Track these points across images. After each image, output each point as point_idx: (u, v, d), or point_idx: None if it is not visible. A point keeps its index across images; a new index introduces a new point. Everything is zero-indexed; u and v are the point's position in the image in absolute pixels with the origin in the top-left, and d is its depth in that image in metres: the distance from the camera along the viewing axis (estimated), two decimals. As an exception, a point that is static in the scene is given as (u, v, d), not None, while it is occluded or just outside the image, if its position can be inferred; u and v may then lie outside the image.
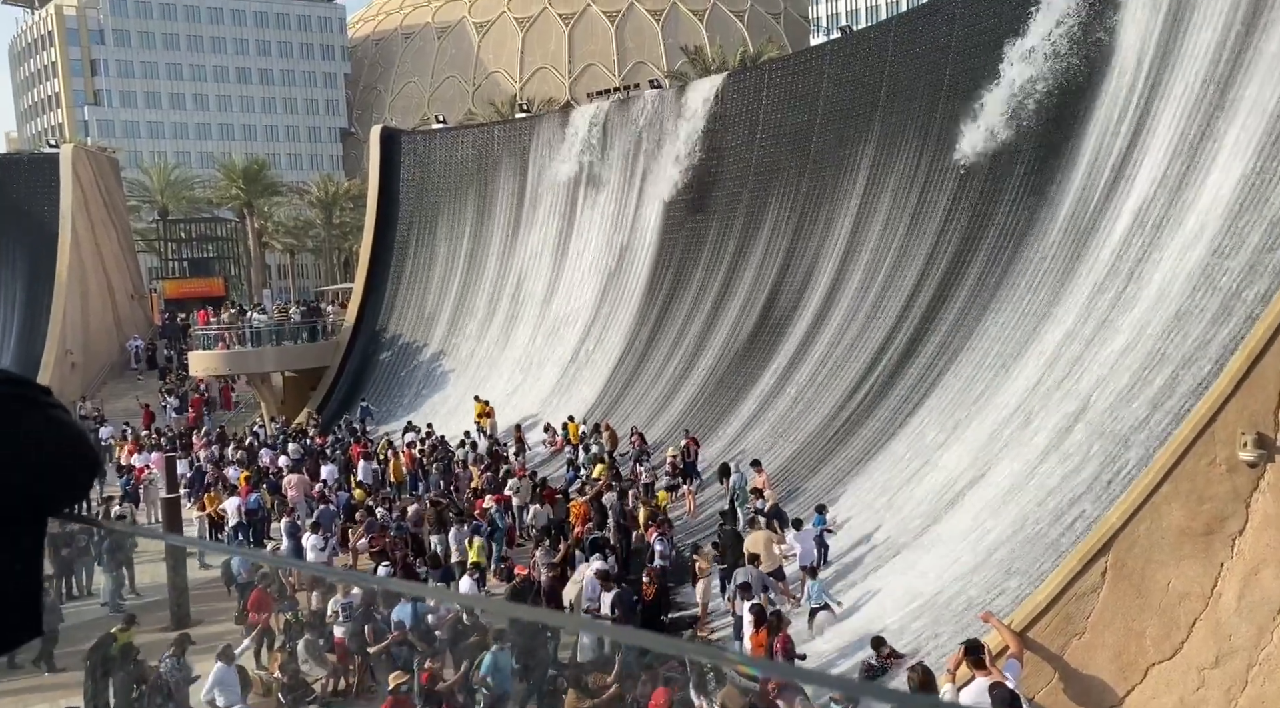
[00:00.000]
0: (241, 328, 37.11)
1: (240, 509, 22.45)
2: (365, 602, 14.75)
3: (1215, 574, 10.01)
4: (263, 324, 37.44)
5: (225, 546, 23.14)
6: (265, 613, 16.15)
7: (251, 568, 17.68)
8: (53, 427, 1.13)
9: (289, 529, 20.93)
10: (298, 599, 16.67)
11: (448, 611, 14.79)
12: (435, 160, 40.42)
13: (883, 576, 16.94)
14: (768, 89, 31.43)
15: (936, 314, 22.64)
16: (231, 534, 22.29)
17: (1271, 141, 14.63)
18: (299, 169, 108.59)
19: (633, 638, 2.22)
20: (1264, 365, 9.61)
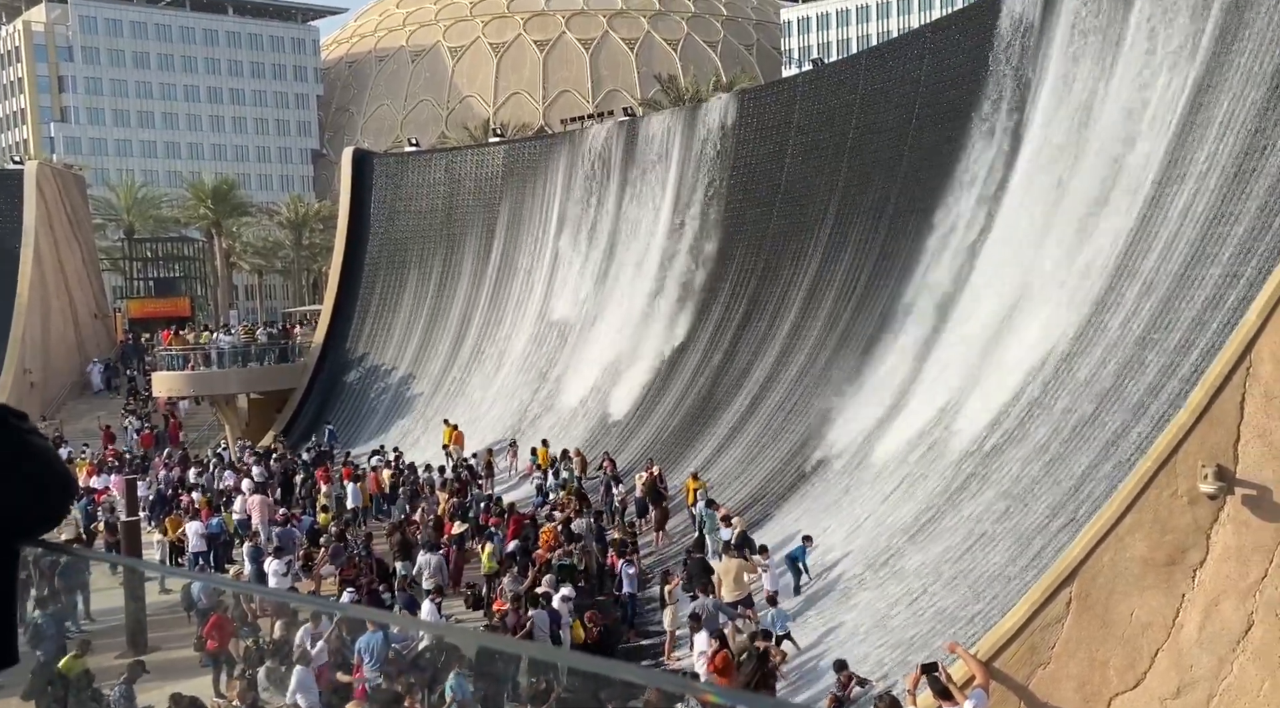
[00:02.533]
0: (207, 349, 36.66)
1: (200, 534, 22.07)
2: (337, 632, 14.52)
3: (1177, 605, 10.12)
4: (228, 345, 37.01)
5: (185, 571, 22.69)
6: (224, 639, 15.84)
7: (211, 593, 17.35)
8: (29, 453, 1.10)
9: (252, 554, 20.60)
10: (259, 625, 16.37)
11: (413, 638, 14.59)
12: (408, 183, 40.36)
13: (850, 604, 16.95)
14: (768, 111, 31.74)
15: (895, 343, 22.85)
16: (192, 560, 21.90)
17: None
18: (269, 190, 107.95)
19: (589, 664, 2.19)
20: (1223, 399, 9.78)
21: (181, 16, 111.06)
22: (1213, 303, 13.92)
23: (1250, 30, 15.69)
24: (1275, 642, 9.62)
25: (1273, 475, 9.61)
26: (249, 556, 20.64)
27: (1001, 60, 23.06)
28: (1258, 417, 9.67)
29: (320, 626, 14.26)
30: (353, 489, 26.15)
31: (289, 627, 15.14)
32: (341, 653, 14.36)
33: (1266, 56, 15.09)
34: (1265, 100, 14.80)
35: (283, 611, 15.83)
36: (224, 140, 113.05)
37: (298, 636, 14.10)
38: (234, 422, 37.54)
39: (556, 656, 15.49)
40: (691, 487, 23.11)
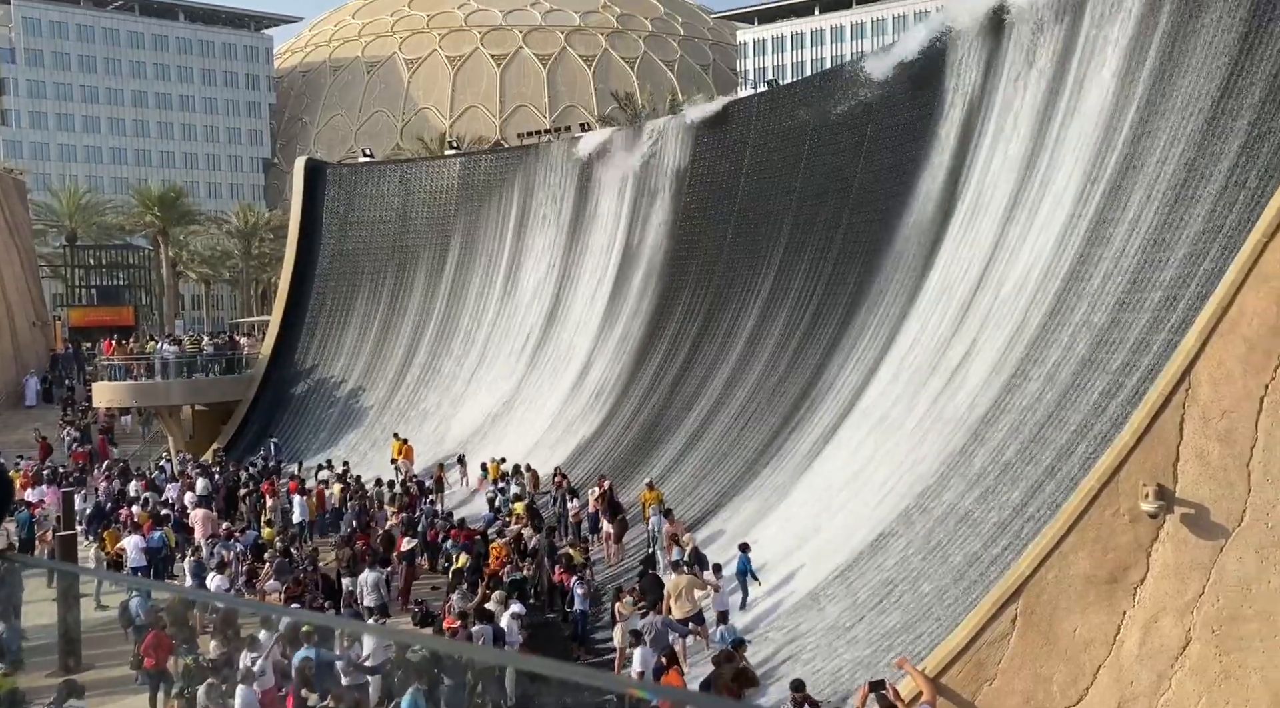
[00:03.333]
0: (150, 359, 35.86)
1: (140, 548, 21.52)
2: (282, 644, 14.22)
3: (1118, 622, 10.31)
4: (172, 355, 36.25)
5: (128, 577, 22.10)
6: (163, 657, 15.44)
7: (150, 609, 16.90)
8: None
9: (194, 569, 20.13)
10: (198, 643, 15.99)
11: (356, 655, 14.35)
12: (361, 194, 39.96)
13: (799, 621, 17.02)
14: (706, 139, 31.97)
15: (847, 363, 23.10)
16: (130, 575, 21.33)
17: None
18: (218, 198, 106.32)
19: (533, 666, 2.18)
20: (1163, 420, 10.02)
21: (130, 21, 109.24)
22: (1153, 326, 14.28)
23: (1189, 60, 16.19)
24: (1212, 658, 9.84)
25: (1210, 495, 9.86)
26: (190, 570, 20.17)
27: (949, 88, 23.56)
28: (1196, 437, 9.92)
29: (258, 647, 13.95)
30: (299, 503, 25.72)
31: (230, 644, 14.80)
32: (291, 671, 14.06)
33: (1205, 87, 15.57)
34: (1202, 132, 15.27)
35: (225, 627, 15.47)
36: (172, 147, 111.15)
37: (243, 656, 13.79)
38: (178, 434, 36.74)
39: (501, 659, 15.35)
40: (647, 498, 23.04)
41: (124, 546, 21.82)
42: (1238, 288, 9.65)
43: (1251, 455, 9.64)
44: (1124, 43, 18.07)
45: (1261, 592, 9.58)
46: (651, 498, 22.91)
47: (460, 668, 13.62)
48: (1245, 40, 14.98)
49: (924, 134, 23.95)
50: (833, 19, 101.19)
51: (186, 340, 41.19)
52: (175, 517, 24.83)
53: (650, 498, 22.95)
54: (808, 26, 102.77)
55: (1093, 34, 19.13)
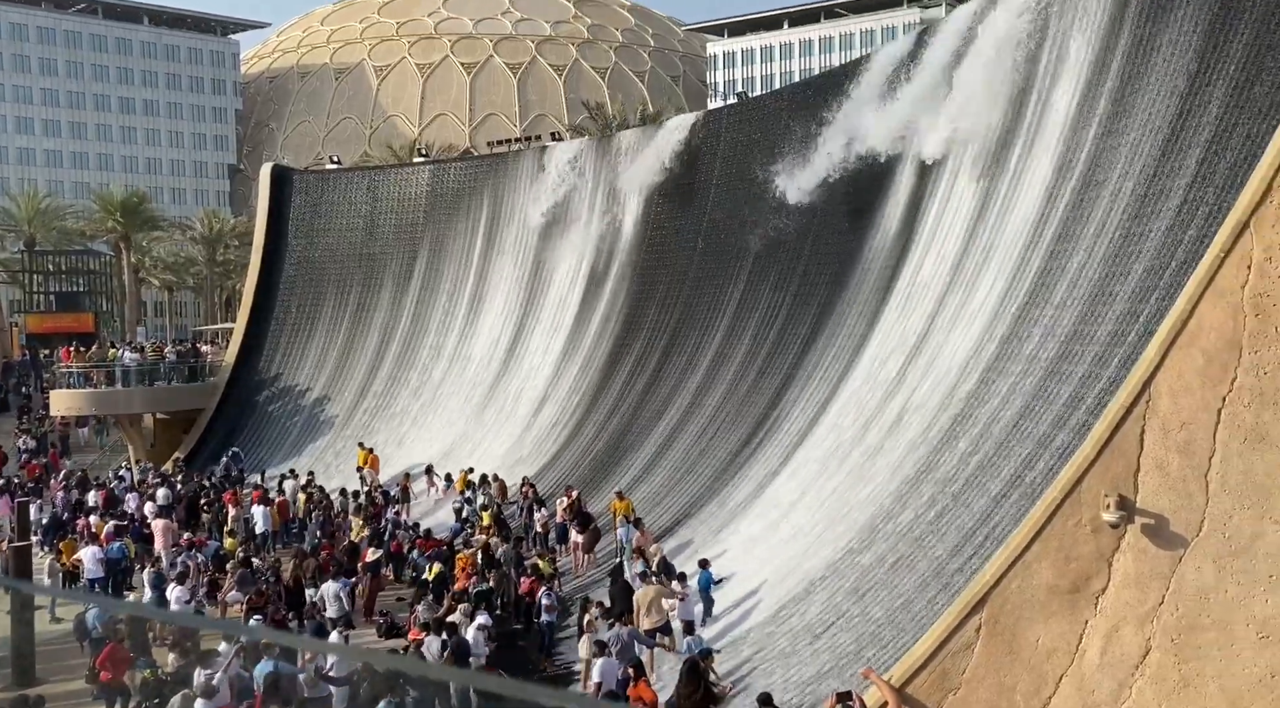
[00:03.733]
0: (110, 366, 35.27)
1: (98, 559, 21.11)
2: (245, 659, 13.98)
3: (1080, 631, 10.41)
4: (133, 363, 35.69)
5: (82, 593, 21.66)
6: (119, 670, 15.14)
7: (108, 621, 16.57)
8: None
9: (153, 580, 19.79)
10: (155, 657, 15.70)
11: (321, 666, 14.16)
12: (328, 201, 39.64)
13: (766, 632, 17.03)
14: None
15: (814, 374, 23.22)
16: (88, 586, 20.91)
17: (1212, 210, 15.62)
18: (183, 204, 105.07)
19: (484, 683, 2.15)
20: (1125, 432, 10.15)
21: (93, 24, 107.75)
22: (1115, 339, 14.49)
23: (1149, 78, 16.50)
24: (1171, 666, 9.96)
25: (1169, 505, 10.00)
26: (150, 582, 19.82)
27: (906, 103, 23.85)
28: (1156, 449, 10.06)
29: (216, 661, 13.72)
30: (262, 513, 25.38)
31: (189, 657, 14.54)
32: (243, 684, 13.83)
33: (1164, 104, 15.86)
34: (1162, 148, 15.55)
35: (184, 639, 15.21)
36: (135, 152, 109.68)
37: (200, 672, 13.54)
38: (138, 443, 36.16)
39: (453, 677, 15.21)
40: (617, 508, 22.98)
41: (81, 557, 21.41)
42: (1196, 302, 9.81)
43: (1210, 466, 9.79)
44: (1088, 60, 18.37)
45: (1219, 601, 9.72)
46: (621, 507, 22.85)
47: (427, 679, 13.49)
48: (1202, 60, 15.29)
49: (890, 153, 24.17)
50: (801, 33, 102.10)
51: (148, 348, 40.57)
52: (135, 527, 24.42)
53: (620, 507, 22.89)
54: (777, 40, 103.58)
55: (1052, 59, 19.44)
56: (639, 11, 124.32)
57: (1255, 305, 9.52)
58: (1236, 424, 9.62)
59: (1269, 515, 9.53)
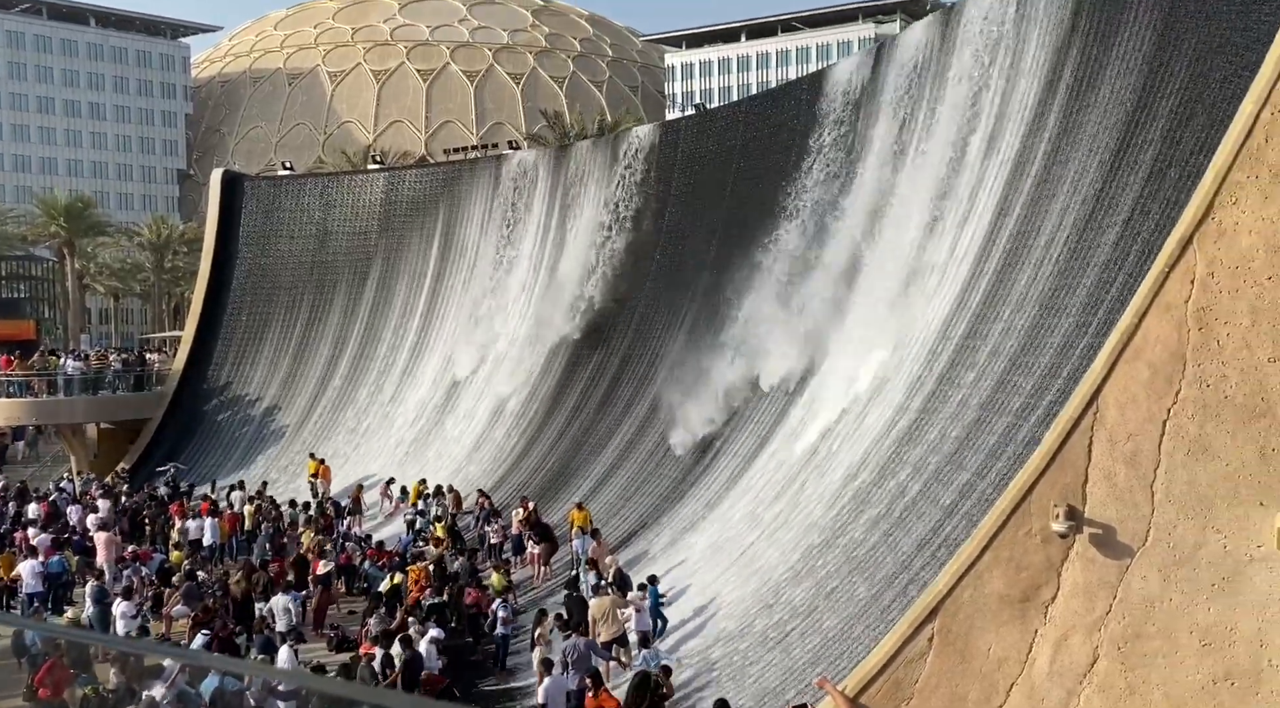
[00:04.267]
0: (53, 375, 34.39)
1: (37, 573, 20.52)
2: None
3: (1030, 640, 10.54)
4: (77, 371, 34.83)
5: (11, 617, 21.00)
6: (59, 688, 14.69)
7: (47, 637, 16.08)
8: None
9: (95, 594, 19.27)
10: (96, 673, 15.26)
11: (265, 683, 13.87)
12: (280, 208, 39.09)
13: (720, 643, 17.03)
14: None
15: (769, 388, 23.35)
16: (26, 601, 20.31)
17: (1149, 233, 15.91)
18: (130, 209, 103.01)
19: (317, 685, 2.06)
20: (1073, 443, 10.31)
21: (37, 24, 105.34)
22: (1064, 350, 14.74)
23: (1098, 94, 16.86)
24: (1118, 674, 10.12)
25: (1116, 515, 10.17)
26: (92, 596, 19.30)
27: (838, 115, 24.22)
28: (1104, 459, 10.23)
29: (160, 677, 13.39)
30: (210, 525, 24.86)
31: (128, 673, 14.17)
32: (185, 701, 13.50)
33: (1114, 120, 16.22)
34: (1109, 165, 15.89)
35: (126, 655, 14.81)
36: (81, 156, 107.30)
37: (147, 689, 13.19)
38: (81, 454, 35.27)
39: (385, 699, 14.98)
40: (575, 518, 22.85)
41: (20, 571, 20.80)
42: (1142, 316, 10.00)
43: (1155, 477, 9.97)
44: (1041, 79, 18.74)
45: (1164, 610, 9.89)
46: (579, 518, 22.74)
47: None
48: (1151, 77, 15.66)
49: (848, 158, 24.44)
50: (759, 45, 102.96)
51: (93, 356, 39.65)
52: (77, 540, 23.80)
53: (578, 518, 22.78)
54: (735, 52, 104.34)
55: (1005, 82, 19.80)
56: (597, 21, 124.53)
57: (1199, 319, 9.74)
58: (1181, 436, 9.82)
59: (1211, 525, 9.73)
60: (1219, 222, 9.65)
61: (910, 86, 22.70)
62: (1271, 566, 9.47)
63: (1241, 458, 9.58)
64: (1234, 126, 9.68)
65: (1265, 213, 9.48)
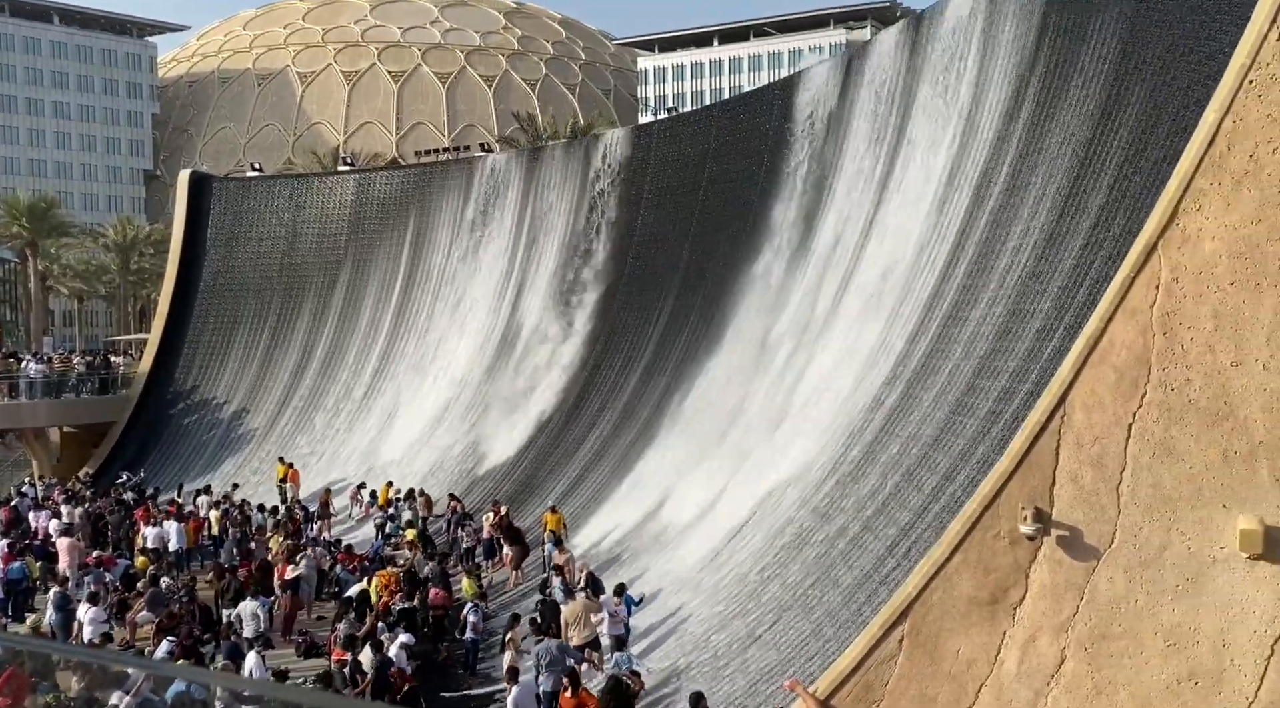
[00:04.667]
0: (14, 378, 33.81)
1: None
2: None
3: (999, 642, 10.63)
4: (39, 374, 34.27)
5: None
6: (18, 697, 14.41)
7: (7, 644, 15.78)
8: None
9: (58, 601, 18.94)
10: (58, 680, 14.99)
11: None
12: (249, 209, 38.70)
13: (691, 645, 17.03)
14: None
15: (744, 390, 23.42)
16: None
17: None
18: (95, 210, 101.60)
19: None
20: (1041, 446, 10.42)
21: (0, 21, 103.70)
22: (1032, 354, 14.90)
23: (1064, 104, 17.07)
24: (1085, 675, 10.23)
25: (1083, 517, 10.28)
26: (54, 603, 18.96)
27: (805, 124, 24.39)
28: (1070, 462, 10.35)
29: (124, 684, 13.15)
30: (176, 530, 24.50)
31: (90, 681, 13.90)
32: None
33: (1079, 130, 16.43)
34: (1077, 171, 16.09)
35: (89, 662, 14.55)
36: (44, 156, 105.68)
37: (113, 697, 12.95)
38: (43, 458, 34.69)
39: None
40: (549, 522, 22.75)
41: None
42: (1108, 320, 10.13)
43: (1121, 479, 10.10)
44: (1009, 87, 18.95)
45: (1129, 610, 10.02)
46: (553, 521, 22.67)
47: (345, 702, 13.12)
48: (1117, 84, 15.88)
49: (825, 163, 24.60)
50: (731, 50, 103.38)
51: (56, 359, 39.03)
52: (39, 546, 23.40)
53: (552, 521, 22.71)
54: (707, 57, 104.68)
55: (974, 89, 20.01)
56: (570, 24, 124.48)
57: (1163, 324, 9.88)
58: (1146, 439, 9.95)
59: (1176, 527, 9.87)
60: (1183, 228, 9.80)
61: (878, 97, 22.91)
62: (1234, 567, 9.62)
63: (1205, 461, 9.72)
64: (1197, 134, 9.84)
65: (1228, 219, 9.63)
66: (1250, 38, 9.54)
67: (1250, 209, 9.54)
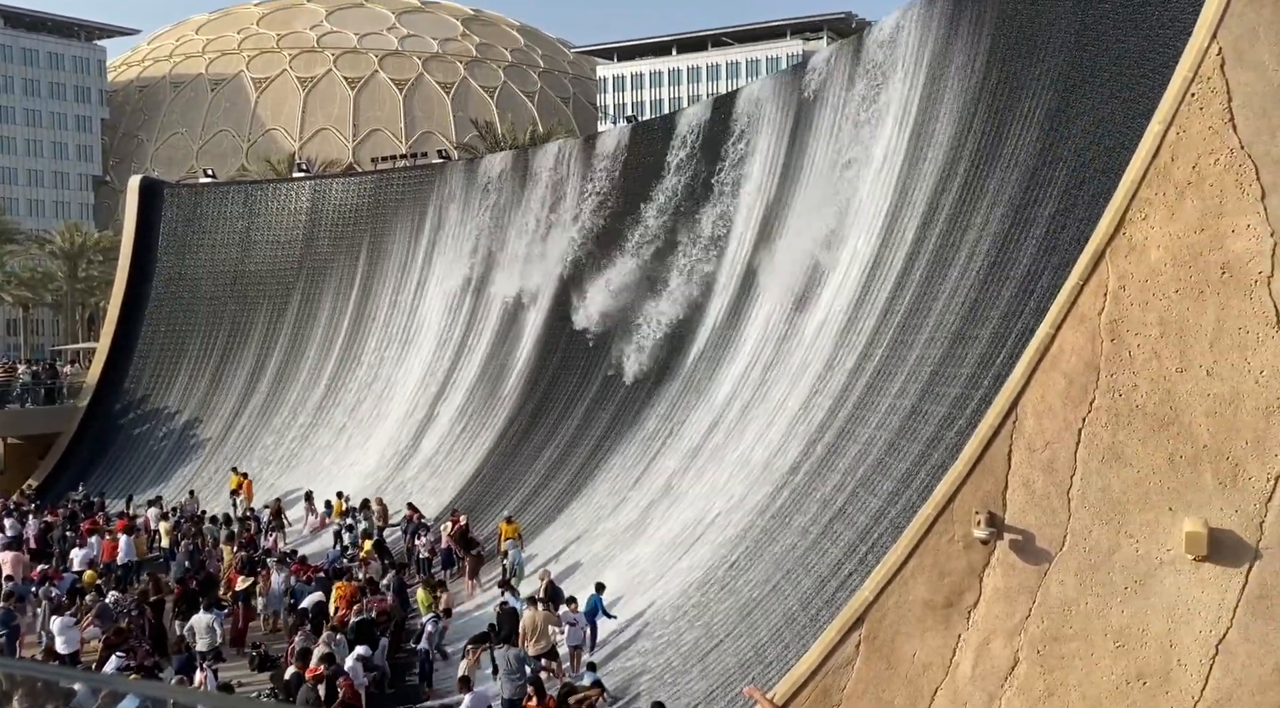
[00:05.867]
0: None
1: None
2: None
3: (954, 645, 10.75)
4: (-18, 384, 33.45)
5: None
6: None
7: (-52, 665, 15.32)
8: None
9: (2, 617, 18.42)
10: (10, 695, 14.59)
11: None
12: (202, 216, 38.10)
13: (651, 652, 17.03)
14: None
15: (701, 399, 23.52)
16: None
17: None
18: (41, 216, 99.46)
19: None
20: (994, 451, 10.57)
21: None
22: (985, 360, 15.13)
23: (1022, 99, 17.39)
24: (1037, 677, 10.38)
25: (1034, 521, 10.44)
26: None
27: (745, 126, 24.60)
28: (1022, 467, 10.51)
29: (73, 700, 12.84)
30: (125, 542, 23.97)
31: (39, 700, 13.53)
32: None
33: (1028, 139, 16.75)
34: (1027, 180, 16.40)
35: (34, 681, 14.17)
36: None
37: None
38: (-14, 470, 33.83)
39: None
40: (505, 532, 22.65)
41: (-82, 594, 19.80)
42: (1058, 326, 10.32)
43: (1071, 484, 10.28)
44: (963, 97, 19.26)
45: (1080, 613, 10.18)
46: (509, 531, 22.56)
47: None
48: (1067, 94, 16.21)
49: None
50: (690, 59, 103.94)
51: (0, 368, 38.11)
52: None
53: (507, 531, 22.59)
54: (666, 66, 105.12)
55: (926, 98, 20.32)
56: (528, 32, 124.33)
57: (1111, 330, 10.08)
58: (1095, 443, 10.14)
59: (1124, 530, 10.06)
60: (1129, 237, 10.02)
61: (823, 105, 23.20)
62: (1179, 569, 9.82)
63: (1152, 465, 9.92)
64: (1142, 145, 10.07)
65: (1172, 228, 9.86)
66: (1191, 51, 9.79)
67: (1193, 218, 9.78)
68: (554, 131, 72.72)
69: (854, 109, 22.18)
